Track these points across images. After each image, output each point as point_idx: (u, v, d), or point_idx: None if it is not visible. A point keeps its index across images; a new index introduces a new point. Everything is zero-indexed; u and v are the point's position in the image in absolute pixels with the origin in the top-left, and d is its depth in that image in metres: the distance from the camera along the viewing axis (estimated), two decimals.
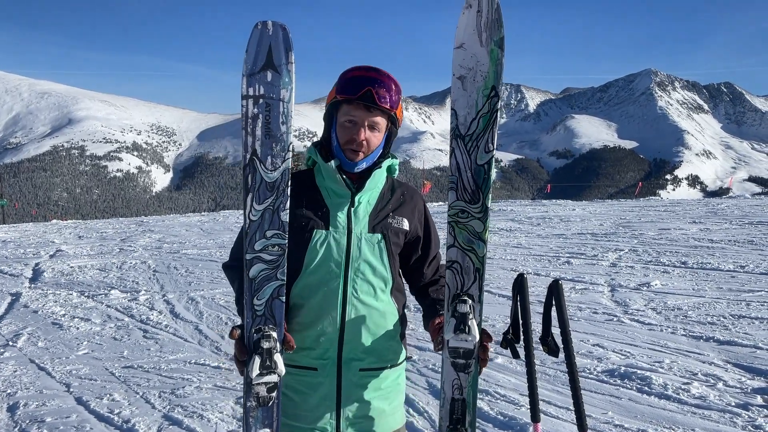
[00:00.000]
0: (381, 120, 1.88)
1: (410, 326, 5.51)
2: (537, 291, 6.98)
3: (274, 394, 1.78)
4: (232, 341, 1.78)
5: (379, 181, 1.98)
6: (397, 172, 2.06)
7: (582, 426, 1.87)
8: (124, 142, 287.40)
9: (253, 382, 1.74)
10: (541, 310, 1.94)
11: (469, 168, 1.81)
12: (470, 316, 1.79)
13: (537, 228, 13.75)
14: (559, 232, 12.73)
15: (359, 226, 1.91)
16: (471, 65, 1.78)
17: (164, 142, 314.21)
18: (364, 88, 1.82)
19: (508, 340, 1.92)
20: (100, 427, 3.90)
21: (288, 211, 1.78)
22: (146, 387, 4.59)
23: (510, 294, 1.99)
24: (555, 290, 1.88)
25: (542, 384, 4.27)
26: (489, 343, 1.85)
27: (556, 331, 1.85)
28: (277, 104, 1.75)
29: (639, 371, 4.42)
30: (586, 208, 18.85)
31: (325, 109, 1.95)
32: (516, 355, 1.93)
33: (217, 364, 5.07)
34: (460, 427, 1.86)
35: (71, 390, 4.58)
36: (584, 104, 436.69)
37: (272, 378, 1.75)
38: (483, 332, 1.82)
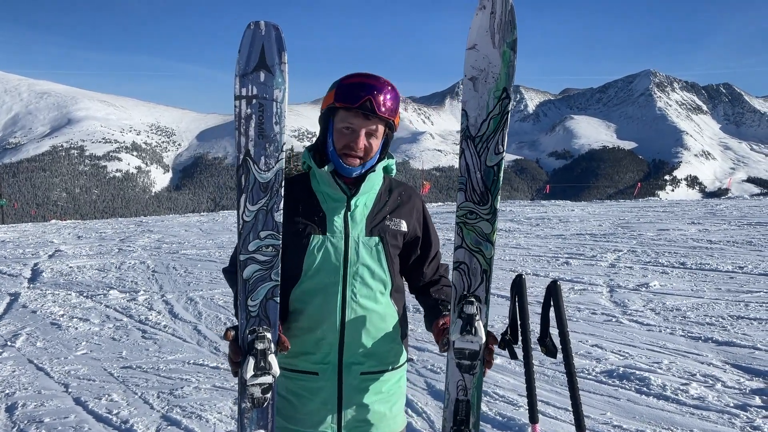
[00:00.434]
0: (379, 127, 1.87)
1: (410, 327, 5.50)
2: (536, 291, 6.98)
3: (268, 395, 1.77)
4: (230, 327, 1.79)
5: (375, 183, 1.96)
6: (394, 171, 2.04)
7: (580, 427, 1.87)
8: (124, 142, 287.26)
9: (247, 383, 1.74)
10: (540, 310, 1.94)
11: (478, 169, 1.81)
12: (477, 317, 1.78)
13: (536, 228, 13.75)
14: (557, 233, 12.73)
15: (356, 230, 1.90)
16: (483, 66, 1.78)
17: (163, 142, 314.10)
18: (363, 98, 1.80)
19: (506, 341, 1.92)
20: (99, 428, 3.90)
21: (282, 212, 1.77)
22: (145, 387, 4.59)
23: (509, 294, 1.98)
24: (553, 291, 1.88)
25: (541, 385, 4.27)
26: (494, 346, 1.85)
27: (554, 331, 1.85)
28: (271, 104, 1.75)
29: (637, 372, 4.42)
30: (585, 208, 18.86)
31: (320, 113, 1.93)
32: (514, 355, 1.92)
33: (216, 364, 5.07)
34: (463, 428, 1.85)
35: (70, 390, 4.57)
36: (583, 105, 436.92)
37: (267, 379, 1.74)
38: (488, 334, 1.82)
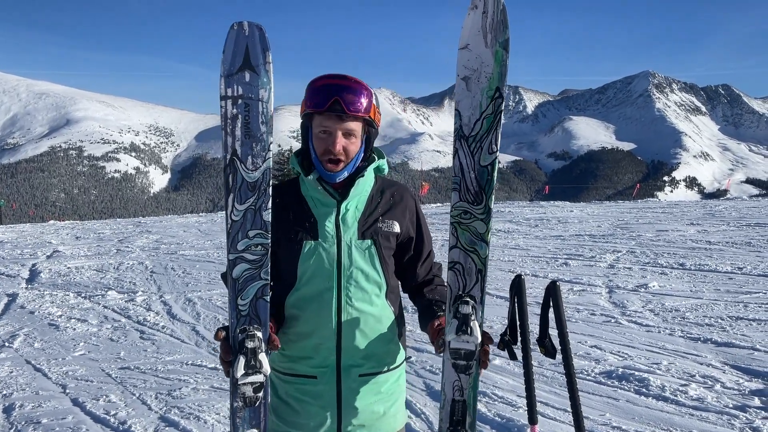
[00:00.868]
0: (355, 126, 1.84)
1: (408, 327, 5.50)
2: (535, 292, 6.98)
3: (260, 394, 1.78)
4: (221, 327, 1.79)
5: (365, 186, 1.95)
6: (386, 170, 2.03)
7: (579, 428, 1.86)
8: (122, 142, 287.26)
9: (238, 383, 1.74)
10: (539, 311, 1.93)
11: (472, 169, 1.80)
12: (472, 317, 1.78)
13: (535, 229, 13.76)
14: (556, 234, 12.73)
15: (348, 234, 1.89)
16: (475, 66, 1.78)
17: (162, 142, 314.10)
18: (332, 98, 1.78)
19: (506, 342, 1.91)
20: (96, 429, 3.89)
21: (270, 211, 1.77)
22: (143, 388, 4.58)
23: (508, 295, 1.97)
24: (552, 291, 1.87)
25: (540, 385, 4.26)
26: (490, 346, 1.84)
27: (553, 332, 1.85)
28: (256, 104, 1.75)
29: (637, 373, 4.42)
30: (584, 209, 18.86)
31: (301, 119, 1.92)
32: (513, 356, 1.92)
33: (214, 365, 5.06)
34: (460, 428, 1.85)
35: (67, 391, 4.56)
36: (582, 106, 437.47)
37: (258, 378, 1.75)
38: (484, 335, 1.82)
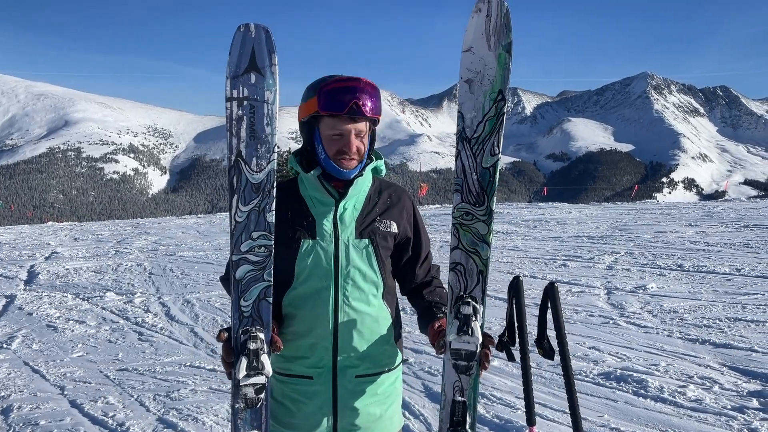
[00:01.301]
0: (365, 126, 1.87)
1: (406, 329, 5.49)
2: (533, 294, 6.98)
3: (262, 396, 1.78)
4: (224, 328, 1.79)
5: (363, 186, 1.96)
6: (384, 172, 2.03)
7: (578, 429, 1.87)
8: (121, 144, 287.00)
9: (240, 384, 1.74)
10: (537, 312, 1.93)
11: (474, 171, 1.82)
12: (473, 318, 1.79)
13: (533, 231, 13.76)
14: (555, 235, 12.74)
15: (346, 233, 1.90)
16: (479, 69, 1.80)
17: (161, 144, 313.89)
18: (351, 102, 1.78)
19: (504, 343, 1.92)
20: (94, 430, 3.88)
21: (274, 213, 1.78)
22: (141, 390, 4.57)
23: (506, 296, 1.98)
24: (551, 293, 1.88)
25: (538, 387, 4.26)
26: (491, 347, 1.85)
27: (551, 333, 1.85)
28: (262, 106, 1.76)
29: (635, 374, 4.42)
30: (582, 210, 18.88)
31: (302, 120, 1.90)
32: (511, 357, 1.92)
33: (213, 366, 5.06)
34: (460, 429, 1.85)
35: (65, 393, 4.56)
36: (581, 107, 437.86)
37: (260, 379, 1.75)
38: (485, 336, 1.82)
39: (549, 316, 1.89)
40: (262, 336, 1.75)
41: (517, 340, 1.91)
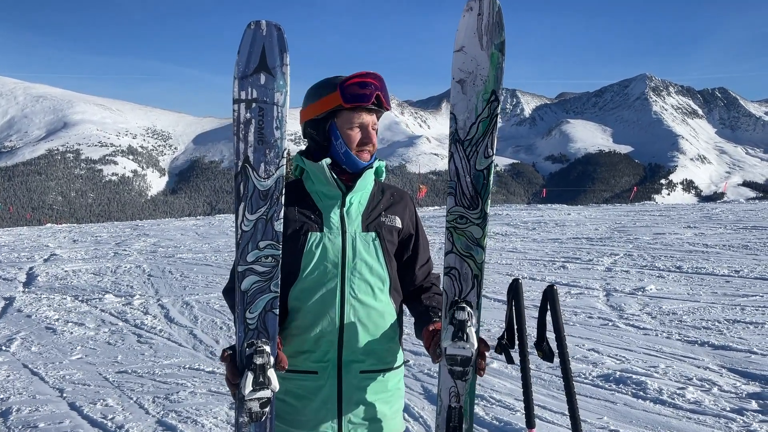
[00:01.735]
0: (377, 118, 1.95)
1: (406, 330, 5.50)
2: (532, 296, 6.98)
3: (267, 410, 1.73)
4: (228, 346, 1.75)
5: (369, 180, 1.98)
6: (384, 174, 2.06)
7: (577, 431, 1.87)
8: (120, 145, 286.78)
9: (245, 399, 1.68)
10: (536, 314, 1.93)
11: (468, 173, 1.79)
12: (469, 323, 1.76)
13: (532, 232, 13.77)
14: (554, 237, 12.74)
15: (353, 226, 1.91)
16: (471, 69, 1.76)
17: (160, 145, 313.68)
18: (375, 94, 1.85)
19: (503, 345, 1.92)
20: None
21: (282, 221, 1.74)
22: (140, 392, 4.57)
23: (505, 299, 1.97)
24: (550, 295, 1.88)
25: (537, 389, 4.27)
26: (486, 352, 1.84)
27: (551, 336, 1.85)
28: (271, 108, 1.69)
29: (634, 376, 4.42)
30: (581, 212, 18.89)
31: (316, 117, 1.91)
32: (510, 360, 1.92)
33: (212, 369, 5.05)
34: None
35: (64, 395, 4.55)
36: (579, 109, 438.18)
37: (265, 393, 1.70)
38: (480, 341, 1.81)
39: (548, 318, 1.89)
40: (268, 349, 1.69)
41: (517, 342, 1.91)
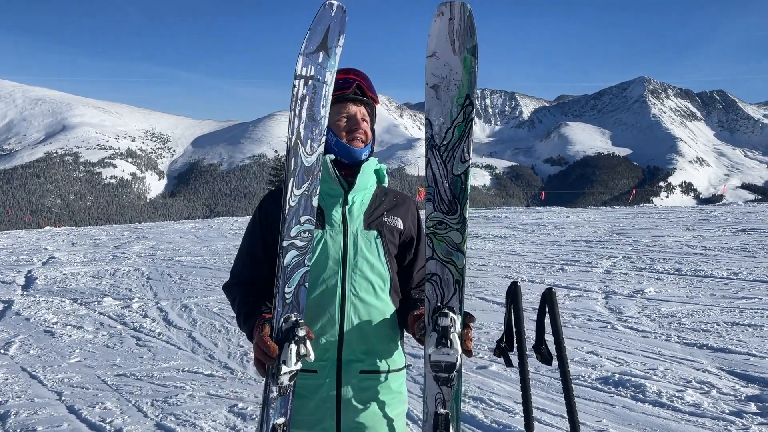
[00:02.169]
0: (366, 111, 2.00)
1: (406, 332, 5.49)
2: (531, 298, 6.98)
3: (293, 383, 1.74)
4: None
5: (370, 178, 2.00)
6: (386, 178, 2.09)
7: None
8: (119, 148, 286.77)
9: (282, 372, 1.66)
10: (535, 317, 1.93)
11: (445, 178, 1.79)
12: (452, 329, 1.75)
13: (531, 235, 13.78)
14: (553, 239, 12.75)
15: (355, 224, 1.92)
16: (444, 74, 1.77)
17: (159, 148, 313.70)
18: (354, 83, 1.94)
19: (502, 348, 1.92)
20: None
21: (318, 197, 1.80)
22: (139, 395, 4.56)
23: (504, 301, 1.97)
24: (548, 298, 1.88)
25: (536, 392, 4.27)
26: (472, 323, 1.82)
27: (549, 338, 1.85)
28: (321, 87, 1.75)
29: (633, 379, 4.42)
30: (580, 215, 18.90)
31: None
32: (509, 363, 1.92)
33: (211, 372, 5.04)
34: None
35: (63, 398, 4.54)
36: (578, 111, 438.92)
37: (299, 366, 1.69)
38: (466, 314, 1.81)
39: (547, 321, 1.89)
40: (303, 322, 1.72)
41: (515, 345, 1.91)
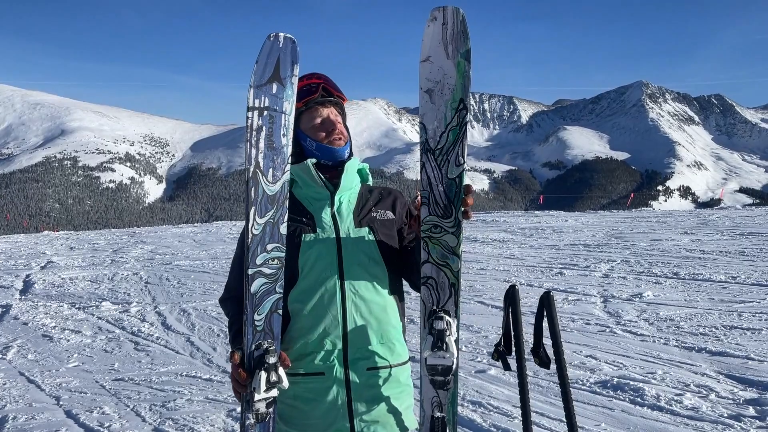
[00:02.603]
0: (337, 110, 2.04)
1: (409, 327, 5.49)
2: (530, 302, 6.98)
3: (271, 410, 1.76)
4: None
5: (354, 177, 2.03)
6: (369, 177, 2.12)
7: None
8: (117, 152, 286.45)
9: (255, 399, 1.70)
10: (533, 321, 1.94)
11: (440, 182, 1.81)
12: (447, 333, 1.77)
13: (530, 239, 13.78)
14: (551, 243, 12.75)
15: (345, 224, 1.94)
16: (438, 78, 1.79)
17: (157, 153, 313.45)
18: (319, 86, 1.98)
19: (500, 352, 1.92)
20: None
21: (286, 224, 1.80)
22: (137, 400, 4.56)
23: (502, 305, 1.98)
24: (546, 302, 1.88)
25: (535, 396, 4.26)
26: (471, 194, 1.84)
27: (548, 342, 1.85)
28: (280, 116, 1.78)
29: (631, 382, 4.42)
30: (578, 219, 18.91)
31: None
32: (508, 366, 1.92)
33: (209, 376, 5.04)
34: None
35: (61, 403, 4.54)
36: (576, 116, 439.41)
37: (273, 393, 1.73)
38: (466, 187, 1.83)
39: (545, 324, 1.89)
40: (276, 348, 1.74)
41: (514, 349, 1.92)
